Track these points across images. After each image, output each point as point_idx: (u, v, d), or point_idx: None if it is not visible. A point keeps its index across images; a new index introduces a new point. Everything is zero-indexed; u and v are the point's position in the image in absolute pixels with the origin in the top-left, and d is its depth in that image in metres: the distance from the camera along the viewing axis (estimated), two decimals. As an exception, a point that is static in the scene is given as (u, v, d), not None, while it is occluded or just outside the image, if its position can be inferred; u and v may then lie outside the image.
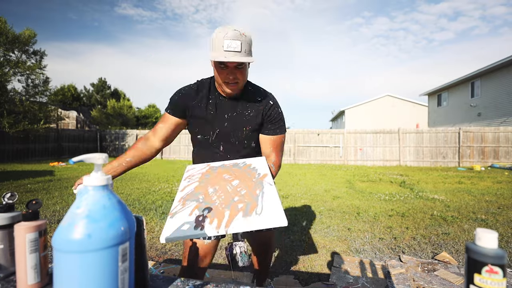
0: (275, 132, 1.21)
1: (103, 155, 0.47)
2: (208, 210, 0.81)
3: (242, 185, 0.94)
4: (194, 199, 0.88)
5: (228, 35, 0.98)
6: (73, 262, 0.40)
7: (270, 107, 1.20)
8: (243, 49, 1.01)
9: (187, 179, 1.04)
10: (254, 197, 0.85)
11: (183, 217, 0.79)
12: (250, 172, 1.02)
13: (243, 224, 0.74)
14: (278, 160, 1.21)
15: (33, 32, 11.42)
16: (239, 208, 0.80)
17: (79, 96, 29.64)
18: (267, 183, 0.93)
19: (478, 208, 4.05)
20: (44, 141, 12.76)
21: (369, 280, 2.02)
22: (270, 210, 0.79)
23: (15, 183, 5.78)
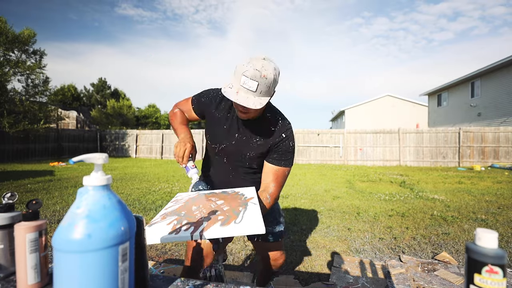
0: (280, 163, 1.16)
1: (103, 155, 0.47)
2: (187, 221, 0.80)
3: (226, 203, 0.93)
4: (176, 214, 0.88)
5: (248, 73, 0.95)
6: (73, 262, 0.40)
7: (281, 141, 1.16)
8: (259, 91, 0.97)
9: (173, 201, 1.05)
10: (236, 212, 0.84)
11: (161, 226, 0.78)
12: (237, 196, 1.03)
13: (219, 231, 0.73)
14: (275, 192, 1.17)
15: (32, 31, 11.41)
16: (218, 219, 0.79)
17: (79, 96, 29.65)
18: (251, 203, 0.92)
19: (478, 208, 4.05)
20: (44, 141, 12.77)
21: (369, 280, 2.02)
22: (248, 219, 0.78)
23: (15, 183, 5.78)
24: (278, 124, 1.18)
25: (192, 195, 1.10)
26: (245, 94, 0.97)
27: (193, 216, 0.83)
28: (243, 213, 0.83)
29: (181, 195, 1.14)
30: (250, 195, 1.01)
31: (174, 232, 0.73)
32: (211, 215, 0.83)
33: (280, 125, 1.18)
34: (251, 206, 0.89)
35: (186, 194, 1.14)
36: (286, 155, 1.17)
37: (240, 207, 0.88)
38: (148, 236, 0.72)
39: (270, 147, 1.16)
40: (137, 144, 15.08)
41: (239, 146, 1.18)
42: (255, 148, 1.17)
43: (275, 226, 1.34)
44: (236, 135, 1.18)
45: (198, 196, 1.08)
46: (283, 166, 1.17)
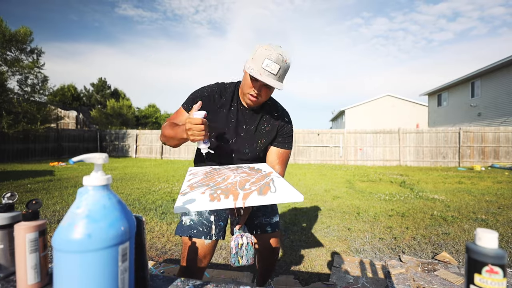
0: (284, 145, 1.26)
1: (103, 155, 0.47)
2: (221, 190, 0.79)
3: (249, 176, 0.94)
4: (204, 185, 0.87)
5: (272, 56, 1.01)
6: (73, 262, 0.40)
7: (285, 124, 1.25)
8: (279, 74, 1.03)
9: (191, 174, 1.04)
10: (265, 183, 0.85)
11: (196, 194, 0.77)
12: (255, 170, 1.04)
13: (260, 199, 0.73)
14: (282, 173, 1.24)
15: (29, 30, 11.35)
16: (253, 189, 0.79)
17: (79, 96, 29.65)
18: (274, 176, 0.94)
19: (478, 208, 4.05)
20: (44, 141, 12.77)
21: (369, 280, 2.02)
22: (283, 189, 0.80)
23: (15, 183, 5.78)
24: (279, 109, 1.26)
25: (207, 169, 1.10)
26: (266, 77, 1.02)
27: (224, 187, 0.83)
28: (272, 183, 0.84)
29: (195, 169, 1.13)
30: (267, 170, 1.04)
31: (215, 200, 0.72)
32: (242, 185, 0.83)
33: (281, 110, 1.27)
34: (276, 178, 0.90)
35: (200, 168, 1.14)
36: (289, 138, 1.27)
37: (266, 178, 0.90)
38: (186, 203, 0.71)
39: (277, 131, 1.24)
40: (137, 144, 15.08)
41: (251, 136, 1.20)
42: (265, 134, 1.22)
43: (272, 216, 1.37)
44: (245, 126, 1.20)
45: (214, 169, 1.08)
46: (287, 149, 1.27)
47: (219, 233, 1.19)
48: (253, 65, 1.03)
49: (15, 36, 10.87)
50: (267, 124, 1.22)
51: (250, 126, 1.20)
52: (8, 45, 10.77)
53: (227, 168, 1.09)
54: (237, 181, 0.89)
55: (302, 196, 0.74)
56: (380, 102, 24.58)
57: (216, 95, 1.18)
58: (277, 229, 1.37)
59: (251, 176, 0.94)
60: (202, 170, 1.10)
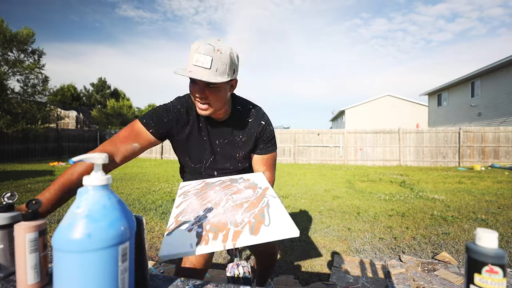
0: (268, 151, 1.16)
1: (103, 154, 0.47)
2: (210, 226, 0.74)
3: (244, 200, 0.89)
4: (192, 215, 0.82)
5: (200, 48, 0.87)
6: (73, 262, 0.40)
7: (263, 129, 1.13)
8: (214, 67, 0.88)
9: (182, 195, 0.97)
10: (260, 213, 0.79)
11: (182, 233, 0.72)
12: (250, 186, 0.97)
13: (251, 239, 0.68)
14: (271, 178, 1.18)
15: (31, 31, 11.37)
16: (245, 222, 0.74)
17: (79, 96, 29.66)
18: (270, 196, 0.88)
19: (478, 208, 4.05)
20: (44, 141, 12.76)
21: (369, 280, 2.02)
22: (278, 221, 0.74)
23: (15, 183, 5.78)
24: (252, 114, 1.13)
25: (199, 186, 1.03)
26: (198, 72, 0.88)
27: (214, 220, 0.77)
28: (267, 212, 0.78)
29: (187, 184, 1.07)
30: (264, 185, 0.96)
31: (202, 243, 0.67)
32: (235, 215, 0.78)
33: (255, 113, 1.13)
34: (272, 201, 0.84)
35: (192, 183, 1.07)
36: (270, 141, 1.16)
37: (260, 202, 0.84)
38: (172, 249, 0.66)
39: (256, 139, 1.13)
40: (137, 144, 15.08)
41: (226, 152, 1.12)
42: (241, 147, 1.12)
43: None
44: (218, 142, 1.09)
45: (206, 186, 1.01)
46: (271, 152, 1.17)
47: (227, 266, 1.12)
48: (186, 65, 0.91)
49: (17, 36, 10.87)
50: (242, 134, 1.11)
51: (224, 140, 1.10)
52: (9, 45, 10.77)
53: (219, 184, 1.02)
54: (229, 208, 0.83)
55: (298, 231, 0.69)
56: (380, 102, 24.58)
57: (184, 115, 1.05)
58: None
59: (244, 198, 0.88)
60: (194, 187, 1.03)
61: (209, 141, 1.09)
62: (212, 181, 1.07)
